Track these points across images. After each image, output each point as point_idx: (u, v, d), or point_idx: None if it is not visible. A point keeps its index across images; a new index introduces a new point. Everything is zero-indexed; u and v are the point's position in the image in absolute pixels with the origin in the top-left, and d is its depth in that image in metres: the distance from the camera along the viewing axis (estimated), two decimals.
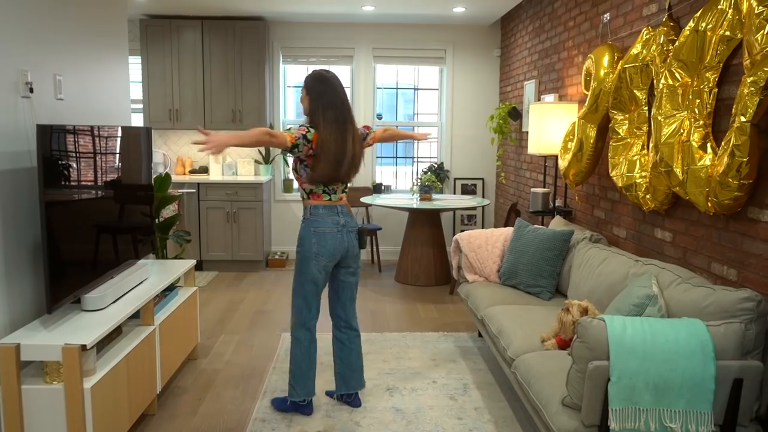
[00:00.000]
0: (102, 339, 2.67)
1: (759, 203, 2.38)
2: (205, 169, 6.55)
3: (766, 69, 2.17)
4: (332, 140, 2.88)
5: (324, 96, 2.93)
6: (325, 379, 3.53)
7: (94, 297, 2.79)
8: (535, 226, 3.93)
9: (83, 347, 2.37)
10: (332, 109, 2.92)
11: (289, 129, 2.88)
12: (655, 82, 2.95)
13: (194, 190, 6.11)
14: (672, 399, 2.08)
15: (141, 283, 3.25)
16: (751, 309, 2.18)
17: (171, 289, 3.65)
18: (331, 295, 3.19)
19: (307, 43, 6.60)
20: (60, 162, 2.61)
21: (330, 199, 3.01)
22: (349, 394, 3.22)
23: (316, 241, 2.96)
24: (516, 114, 5.67)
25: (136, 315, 3.09)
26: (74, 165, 2.74)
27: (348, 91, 6.76)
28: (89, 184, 2.88)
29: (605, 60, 3.50)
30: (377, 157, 6.93)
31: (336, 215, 3.00)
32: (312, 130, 2.89)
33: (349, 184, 3.15)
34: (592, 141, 3.63)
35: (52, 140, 2.54)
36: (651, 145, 2.94)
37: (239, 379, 3.56)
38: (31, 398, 2.41)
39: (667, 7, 3.03)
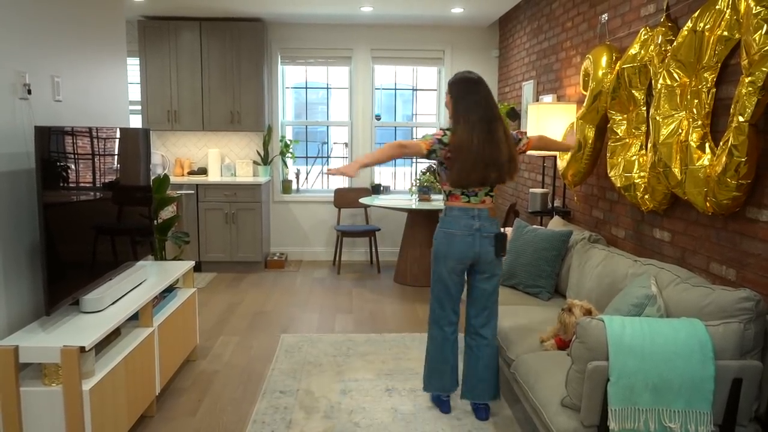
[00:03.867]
0: (101, 341, 2.66)
1: (757, 203, 2.38)
2: (203, 171, 6.55)
3: (764, 69, 2.17)
4: (469, 142, 2.86)
5: (465, 98, 2.92)
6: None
7: (93, 299, 2.79)
8: (534, 226, 3.93)
9: (82, 349, 2.36)
10: (474, 111, 2.90)
11: (425, 136, 2.94)
12: (653, 82, 2.96)
13: (193, 192, 6.10)
14: (671, 399, 2.08)
15: (140, 284, 3.24)
16: (749, 309, 2.18)
17: (170, 290, 3.64)
18: (467, 299, 3.14)
19: (306, 44, 6.59)
20: (58, 163, 2.61)
21: (468, 201, 2.98)
22: (475, 403, 3.11)
23: (445, 242, 2.97)
24: (514, 114, 5.67)
25: (134, 316, 3.08)
26: (72, 167, 2.73)
27: (346, 92, 6.80)
28: (87, 185, 2.88)
29: (603, 60, 3.50)
30: None
31: (471, 218, 2.95)
32: (449, 133, 2.92)
33: (495, 188, 3.09)
34: (590, 141, 3.63)
35: (50, 142, 2.53)
36: (649, 145, 2.94)
37: (238, 380, 3.56)
38: (29, 400, 2.40)
39: (665, 7, 3.03)
